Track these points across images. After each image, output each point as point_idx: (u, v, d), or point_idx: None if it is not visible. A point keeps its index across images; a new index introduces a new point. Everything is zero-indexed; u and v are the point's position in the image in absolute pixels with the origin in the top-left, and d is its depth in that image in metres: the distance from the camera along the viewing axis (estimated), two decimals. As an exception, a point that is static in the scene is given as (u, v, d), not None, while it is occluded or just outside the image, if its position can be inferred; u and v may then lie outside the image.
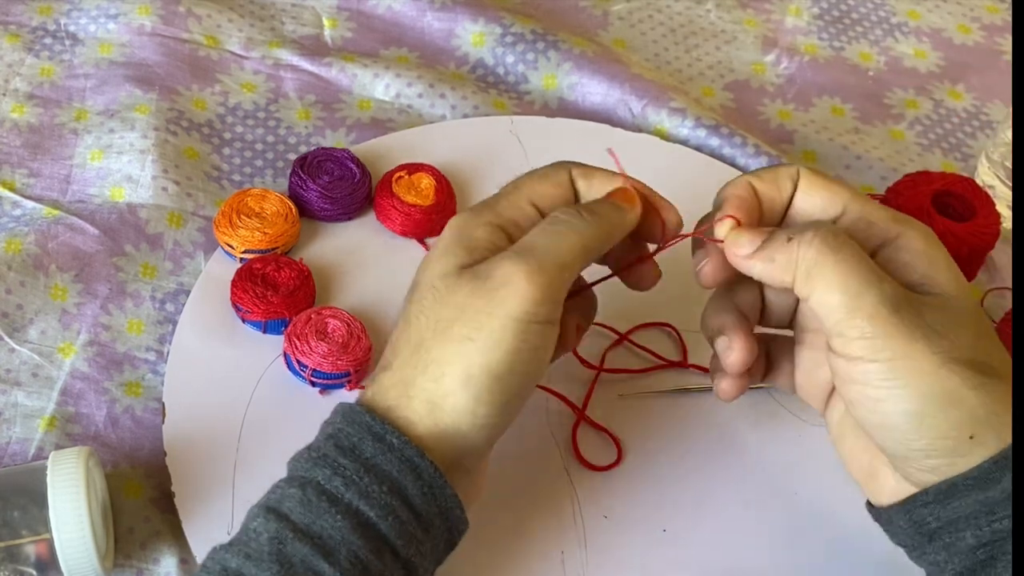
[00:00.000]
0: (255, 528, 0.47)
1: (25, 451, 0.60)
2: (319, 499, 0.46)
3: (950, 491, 0.47)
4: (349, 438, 0.48)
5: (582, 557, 0.58)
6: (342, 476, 0.47)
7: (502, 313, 0.47)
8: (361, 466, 0.47)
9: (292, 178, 0.69)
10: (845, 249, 0.48)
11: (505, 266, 0.48)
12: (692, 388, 0.64)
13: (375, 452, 0.47)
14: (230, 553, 0.46)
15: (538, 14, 0.85)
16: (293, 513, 0.46)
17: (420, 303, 0.49)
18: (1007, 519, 0.46)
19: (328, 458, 0.48)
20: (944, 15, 0.90)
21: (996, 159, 0.75)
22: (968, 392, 0.46)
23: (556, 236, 0.49)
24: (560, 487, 0.60)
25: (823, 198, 0.51)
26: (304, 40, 0.82)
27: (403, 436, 0.48)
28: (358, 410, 0.49)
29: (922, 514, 0.48)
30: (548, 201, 0.52)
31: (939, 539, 0.48)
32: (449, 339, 0.48)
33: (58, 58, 0.78)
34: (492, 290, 0.47)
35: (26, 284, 0.65)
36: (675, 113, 0.78)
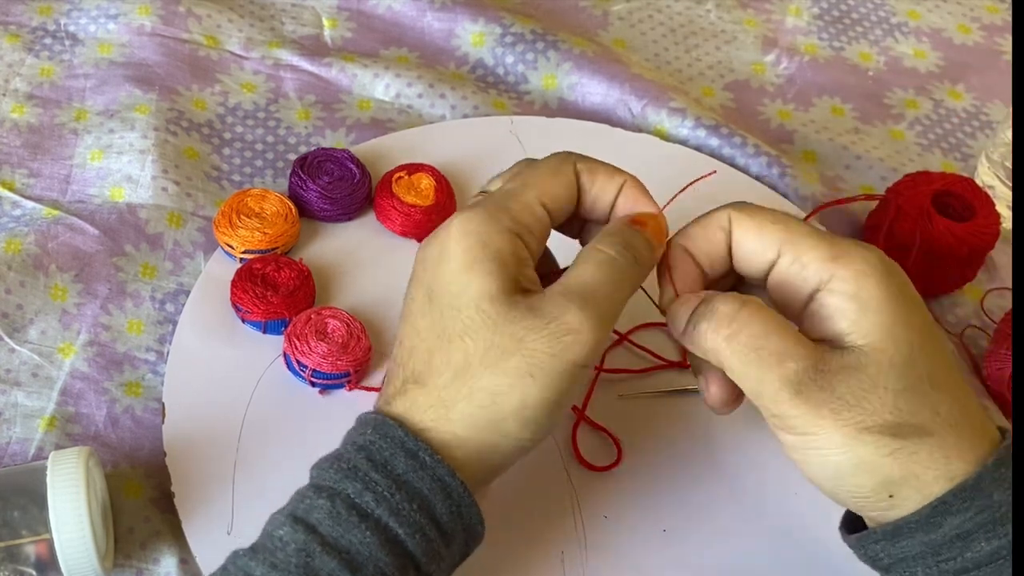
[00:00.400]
0: (281, 537, 0.46)
1: (25, 451, 0.60)
2: (349, 513, 0.46)
3: (896, 532, 0.48)
4: (381, 452, 0.48)
5: (582, 557, 0.58)
6: (373, 491, 0.47)
7: (568, 359, 0.48)
8: (393, 482, 0.47)
9: (292, 178, 0.69)
10: (741, 335, 0.48)
11: (574, 314, 0.48)
12: (692, 388, 0.64)
13: (407, 469, 0.47)
14: (255, 561, 0.46)
15: (538, 14, 0.85)
16: (322, 525, 0.46)
17: (464, 323, 0.48)
18: (952, 560, 0.47)
19: (359, 471, 0.47)
20: (944, 15, 0.90)
21: (996, 159, 0.76)
22: (882, 460, 0.47)
23: (615, 284, 0.50)
24: (560, 487, 0.60)
25: (755, 244, 0.51)
26: (304, 40, 0.82)
27: (436, 455, 0.48)
28: (391, 424, 0.48)
29: (874, 550, 0.50)
30: (558, 203, 0.52)
31: (894, 571, 0.49)
32: (504, 371, 0.48)
33: (58, 58, 0.78)
34: (557, 335, 0.48)
35: (26, 284, 0.65)
36: (675, 113, 0.78)
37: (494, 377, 0.48)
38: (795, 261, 0.49)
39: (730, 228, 0.51)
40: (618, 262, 0.50)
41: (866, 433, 0.47)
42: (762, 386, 0.48)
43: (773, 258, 0.50)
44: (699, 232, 0.52)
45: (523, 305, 0.48)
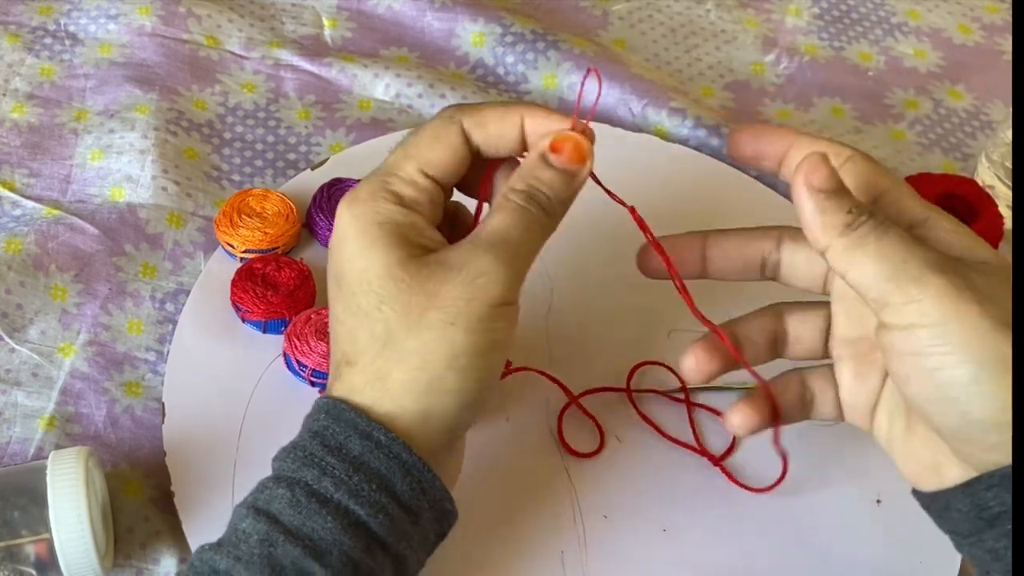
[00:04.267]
0: (244, 529, 0.46)
1: (25, 451, 0.60)
2: (309, 500, 0.46)
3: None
4: (335, 436, 0.48)
5: (582, 557, 0.58)
6: (331, 476, 0.47)
7: (483, 300, 0.48)
8: (350, 465, 0.47)
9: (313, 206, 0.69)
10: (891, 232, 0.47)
11: (482, 258, 0.48)
12: (692, 388, 0.64)
13: (363, 450, 0.47)
14: (219, 554, 0.46)
15: (538, 14, 0.85)
16: (283, 515, 0.46)
17: (378, 293, 0.48)
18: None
19: (315, 457, 0.47)
20: (944, 15, 0.90)
21: (996, 159, 0.75)
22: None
23: (524, 228, 0.49)
24: (560, 487, 0.60)
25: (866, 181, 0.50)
26: (304, 40, 0.82)
27: (390, 432, 0.47)
28: (343, 407, 0.48)
29: (985, 497, 0.46)
30: (442, 169, 0.51)
31: (1000, 525, 0.46)
32: (426, 326, 0.48)
33: (58, 58, 0.78)
34: (469, 280, 0.48)
35: (26, 284, 0.65)
36: (675, 113, 0.78)
37: (418, 335, 0.48)
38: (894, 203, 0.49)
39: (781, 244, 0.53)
40: (526, 210, 0.50)
41: (1007, 327, 0.44)
42: (905, 265, 0.45)
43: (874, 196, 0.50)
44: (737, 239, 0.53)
45: (432, 262, 0.48)
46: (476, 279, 0.48)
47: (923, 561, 0.58)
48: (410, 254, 0.49)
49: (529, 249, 0.50)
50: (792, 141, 0.51)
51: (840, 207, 0.47)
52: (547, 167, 0.50)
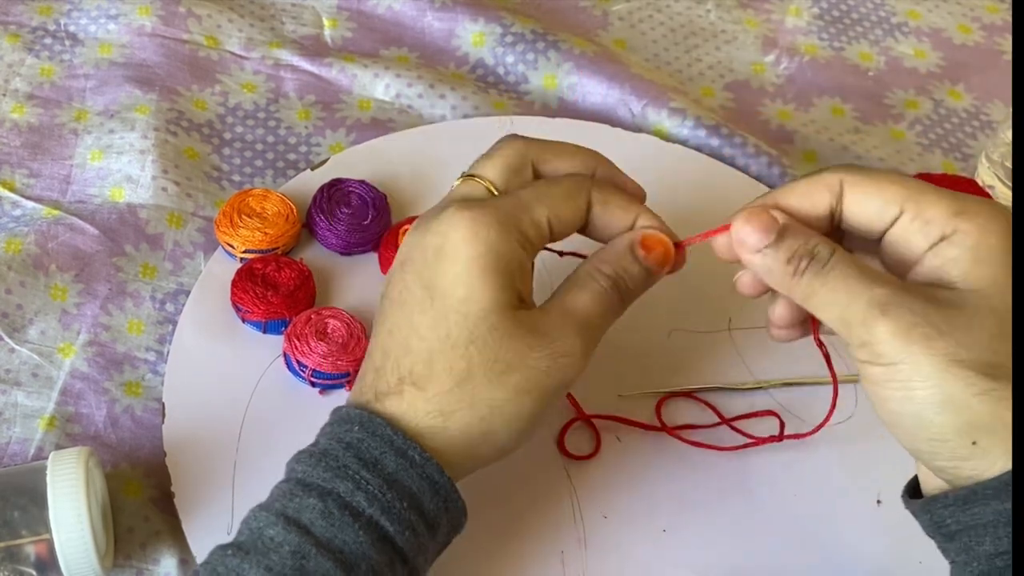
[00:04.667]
0: (273, 538, 0.46)
1: (25, 451, 0.60)
2: (342, 513, 0.47)
3: (969, 498, 0.46)
4: (371, 451, 0.48)
5: (582, 557, 0.58)
6: (365, 491, 0.47)
7: (561, 379, 0.50)
8: (384, 481, 0.47)
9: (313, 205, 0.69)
10: (833, 270, 0.47)
11: (571, 340, 0.50)
12: (693, 389, 0.64)
13: (397, 467, 0.48)
14: (247, 563, 0.46)
15: (538, 14, 0.85)
16: (314, 526, 0.46)
17: (471, 331, 0.49)
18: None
19: (349, 470, 0.48)
20: (944, 15, 0.90)
21: (996, 159, 0.75)
22: (971, 399, 0.44)
23: (603, 317, 0.52)
24: (560, 487, 0.60)
25: (876, 203, 0.49)
26: (304, 40, 0.82)
27: (424, 452, 0.48)
28: (379, 422, 0.49)
29: (942, 515, 0.47)
30: (562, 226, 0.53)
31: (959, 540, 0.47)
32: (504, 385, 0.49)
33: (58, 58, 0.78)
34: (555, 356, 0.50)
35: (26, 284, 0.65)
36: (675, 113, 0.78)
37: (494, 391, 0.49)
38: (917, 217, 0.48)
39: (840, 191, 0.49)
40: (610, 296, 0.52)
41: (957, 367, 0.44)
42: (850, 310, 0.46)
43: (894, 216, 0.48)
44: (802, 192, 0.50)
45: (527, 322, 0.50)
46: (561, 358, 0.50)
47: (923, 561, 0.58)
48: (511, 303, 0.50)
49: (602, 334, 0.53)
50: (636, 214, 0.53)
51: (780, 256, 0.48)
52: (635, 261, 0.53)
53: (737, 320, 0.67)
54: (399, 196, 0.71)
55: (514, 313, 0.49)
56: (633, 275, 0.53)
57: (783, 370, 0.65)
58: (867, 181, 0.49)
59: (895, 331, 0.45)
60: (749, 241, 0.49)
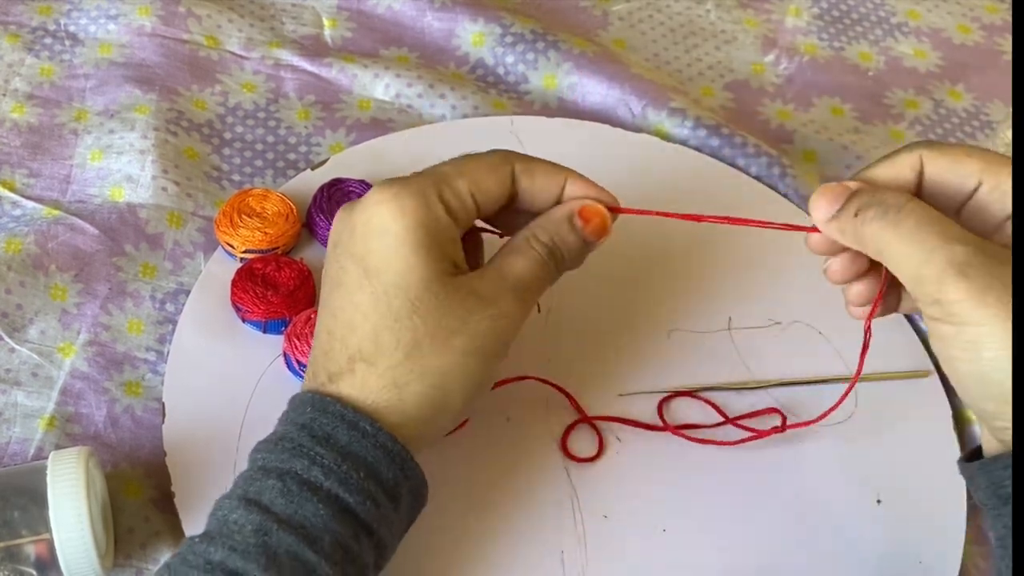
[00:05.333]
0: (236, 520, 0.47)
1: (25, 451, 0.60)
2: (300, 489, 0.47)
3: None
4: (323, 427, 0.49)
5: (582, 557, 0.58)
6: (320, 465, 0.48)
7: (501, 338, 0.52)
8: (338, 454, 0.48)
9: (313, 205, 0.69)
10: (907, 221, 0.47)
11: (510, 302, 0.52)
12: (693, 388, 0.64)
13: (350, 440, 0.49)
14: (213, 546, 0.46)
15: (538, 14, 0.85)
16: (275, 504, 0.47)
17: (413, 302, 0.50)
18: None
19: (304, 448, 0.49)
20: (944, 15, 0.90)
21: (996, 159, 0.75)
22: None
23: (541, 281, 0.53)
24: (560, 487, 0.60)
25: (954, 177, 0.50)
26: (304, 40, 0.82)
27: (375, 423, 0.49)
28: (329, 400, 0.50)
29: (1000, 476, 0.48)
30: (487, 197, 0.53)
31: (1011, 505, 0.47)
32: (451, 349, 0.50)
33: (58, 58, 0.78)
34: (495, 317, 0.51)
35: (26, 284, 0.65)
36: (675, 113, 0.78)
37: (443, 356, 0.50)
38: (996, 188, 0.48)
39: (921, 168, 0.50)
40: (547, 264, 0.53)
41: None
42: (926, 268, 0.46)
43: (973, 187, 0.49)
44: (887, 172, 0.51)
45: (466, 287, 0.51)
46: (501, 318, 0.51)
47: (923, 561, 0.58)
48: (447, 270, 0.51)
49: (536, 298, 0.54)
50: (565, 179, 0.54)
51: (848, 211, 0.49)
52: (572, 230, 0.54)
53: (737, 320, 0.67)
54: (399, 196, 0.71)
55: (452, 280, 0.51)
56: (569, 244, 0.54)
57: (783, 370, 0.65)
58: (945, 156, 0.50)
59: (971, 292, 0.45)
60: (822, 210, 0.50)
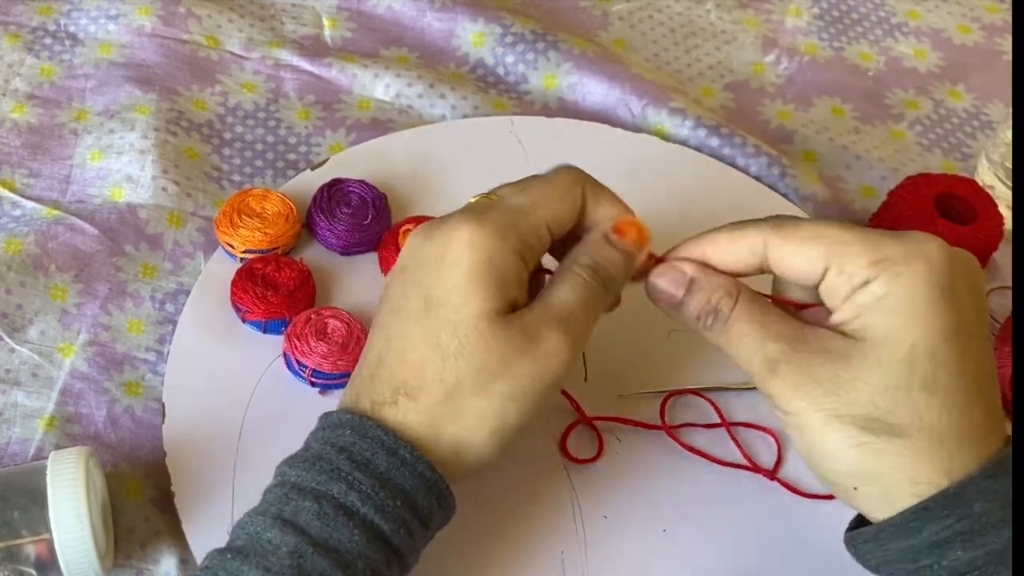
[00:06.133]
0: (271, 540, 0.47)
1: (25, 451, 0.60)
2: (336, 513, 0.47)
3: (879, 534, 0.49)
4: (362, 452, 0.49)
5: (582, 557, 0.58)
6: (358, 491, 0.48)
7: (547, 381, 0.50)
8: (376, 480, 0.48)
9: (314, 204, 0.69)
10: (733, 327, 0.51)
11: (557, 338, 0.50)
12: (693, 389, 0.64)
13: (389, 467, 0.48)
14: (247, 564, 0.46)
15: (538, 14, 0.85)
16: (310, 527, 0.47)
17: (460, 340, 0.49)
18: (929, 568, 0.47)
19: (342, 472, 0.48)
20: (944, 15, 0.90)
21: (996, 159, 0.75)
22: (849, 450, 0.48)
23: (588, 307, 0.52)
24: (560, 487, 0.60)
25: (801, 265, 0.50)
26: (304, 40, 0.82)
27: (415, 451, 0.49)
28: (369, 424, 0.49)
29: (863, 549, 0.50)
30: (561, 227, 0.53)
31: (882, 573, 0.50)
32: (491, 394, 0.49)
33: (58, 58, 0.78)
34: (541, 357, 0.50)
35: (26, 284, 0.65)
36: (675, 113, 0.78)
37: (480, 401, 0.50)
38: (841, 272, 0.49)
39: (764, 252, 0.51)
40: (591, 285, 0.52)
41: (836, 421, 0.48)
42: (750, 365, 0.50)
43: (821, 272, 0.50)
44: (725, 247, 0.52)
45: (514, 326, 0.50)
46: (547, 359, 0.50)
47: (923, 561, 0.58)
48: (502, 309, 0.50)
49: (590, 327, 0.52)
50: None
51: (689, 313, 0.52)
52: (610, 247, 0.53)
53: (737, 320, 0.67)
54: (399, 196, 0.71)
55: (503, 319, 0.50)
56: (612, 260, 0.53)
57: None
58: (788, 243, 0.50)
59: (783, 388, 0.49)
60: (662, 296, 0.53)
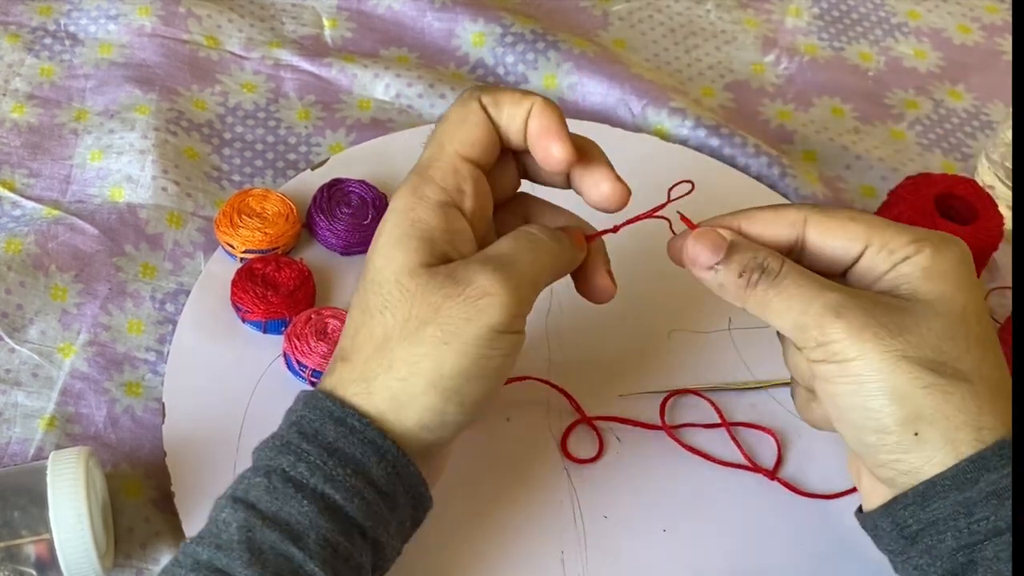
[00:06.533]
0: (223, 519, 0.47)
1: (25, 451, 0.60)
2: (284, 486, 0.47)
3: (928, 492, 0.48)
4: (311, 424, 0.49)
5: (582, 557, 0.58)
6: (306, 462, 0.48)
7: (481, 322, 0.48)
8: (324, 450, 0.48)
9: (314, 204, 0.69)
10: (784, 280, 0.50)
11: (487, 276, 0.48)
12: (692, 389, 0.64)
13: (337, 436, 0.48)
14: (200, 546, 0.47)
15: (538, 14, 0.85)
16: (260, 502, 0.47)
17: (385, 297, 0.49)
18: (985, 520, 0.47)
19: (291, 444, 0.48)
20: (944, 15, 0.90)
21: (996, 159, 0.75)
22: (916, 391, 0.47)
23: (534, 254, 0.51)
24: (560, 487, 0.60)
25: (840, 241, 0.51)
26: (304, 40, 0.82)
27: (363, 419, 0.48)
28: (319, 396, 0.49)
29: (903, 516, 0.49)
30: (479, 149, 0.51)
31: (921, 542, 0.49)
32: (420, 340, 0.48)
33: (58, 58, 0.78)
34: (472, 299, 0.48)
35: (26, 284, 0.65)
36: (675, 113, 0.78)
37: (411, 347, 0.48)
38: (883, 248, 0.50)
39: (804, 228, 0.51)
40: (536, 236, 0.51)
41: (905, 362, 0.47)
42: (806, 315, 0.49)
43: (859, 251, 0.50)
44: (766, 220, 0.52)
45: (441, 274, 0.49)
46: (478, 299, 0.48)
47: (923, 561, 0.58)
48: (426, 261, 0.49)
49: (537, 274, 0.51)
50: None
51: (732, 270, 0.50)
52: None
53: (737, 320, 0.67)
54: (399, 196, 0.71)
55: (428, 270, 0.49)
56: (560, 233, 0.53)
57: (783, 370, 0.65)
58: (832, 221, 0.51)
59: (849, 330, 0.48)
60: (701, 259, 0.51)
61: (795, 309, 0.49)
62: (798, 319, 0.49)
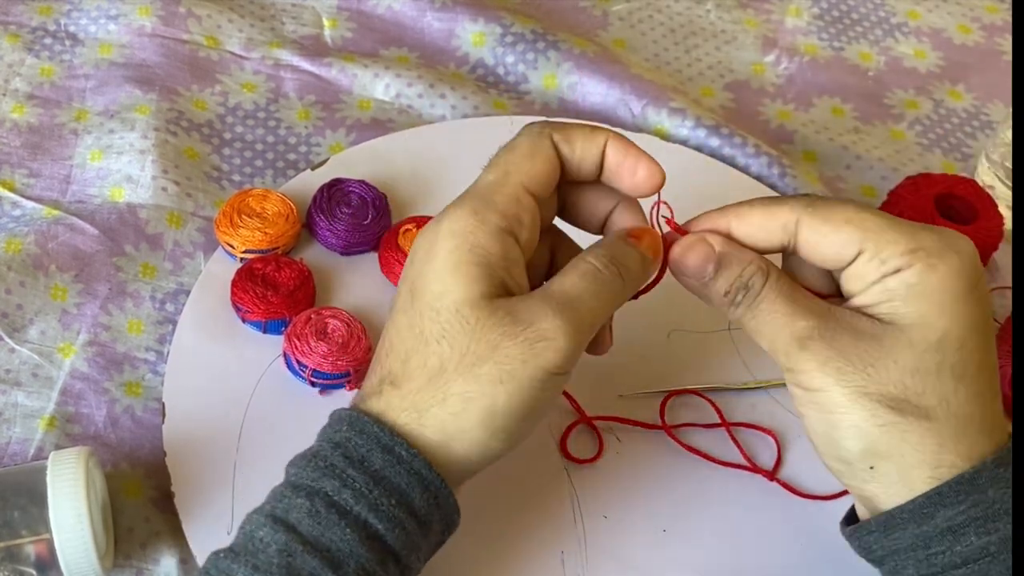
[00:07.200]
0: (262, 538, 0.46)
1: (25, 451, 0.60)
2: (328, 511, 0.46)
3: (889, 522, 0.49)
4: (358, 449, 0.48)
5: (582, 557, 0.58)
6: (351, 488, 0.47)
7: (538, 366, 0.48)
8: (370, 478, 0.47)
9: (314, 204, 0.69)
10: (762, 304, 0.50)
11: (548, 321, 0.48)
12: (692, 389, 0.64)
13: (384, 464, 0.48)
14: (236, 563, 0.46)
15: (538, 14, 0.85)
16: (301, 525, 0.46)
17: (443, 326, 0.48)
18: (942, 555, 0.48)
19: (336, 468, 0.47)
20: (944, 15, 0.90)
21: (996, 159, 0.75)
22: (873, 429, 0.48)
23: (597, 296, 0.50)
24: (560, 487, 0.60)
25: (833, 246, 0.49)
26: (304, 40, 0.82)
27: (411, 448, 0.48)
28: (366, 420, 0.49)
29: (868, 541, 0.50)
30: (542, 184, 0.51)
31: (887, 564, 0.50)
32: (476, 377, 0.48)
33: (58, 58, 0.78)
34: (531, 341, 0.48)
35: (26, 284, 0.65)
36: (675, 113, 0.78)
37: (466, 383, 0.48)
38: (874, 257, 0.49)
39: (796, 230, 0.50)
40: (602, 274, 0.50)
41: (865, 398, 0.48)
42: (777, 342, 0.50)
43: (852, 256, 0.49)
44: (757, 223, 0.51)
45: (502, 310, 0.48)
46: (537, 343, 0.48)
47: (923, 561, 0.58)
48: (487, 292, 0.48)
49: (597, 317, 0.50)
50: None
51: (718, 288, 0.51)
52: (628, 245, 0.52)
53: (737, 320, 0.67)
54: (399, 196, 0.71)
55: (490, 303, 0.48)
56: (628, 253, 0.51)
57: (783, 370, 0.65)
58: (823, 225, 0.50)
59: (813, 364, 0.49)
60: (688, 271, 0.51)
61: (767, 336, 0.50)
62: (770, 345, 0.50)
